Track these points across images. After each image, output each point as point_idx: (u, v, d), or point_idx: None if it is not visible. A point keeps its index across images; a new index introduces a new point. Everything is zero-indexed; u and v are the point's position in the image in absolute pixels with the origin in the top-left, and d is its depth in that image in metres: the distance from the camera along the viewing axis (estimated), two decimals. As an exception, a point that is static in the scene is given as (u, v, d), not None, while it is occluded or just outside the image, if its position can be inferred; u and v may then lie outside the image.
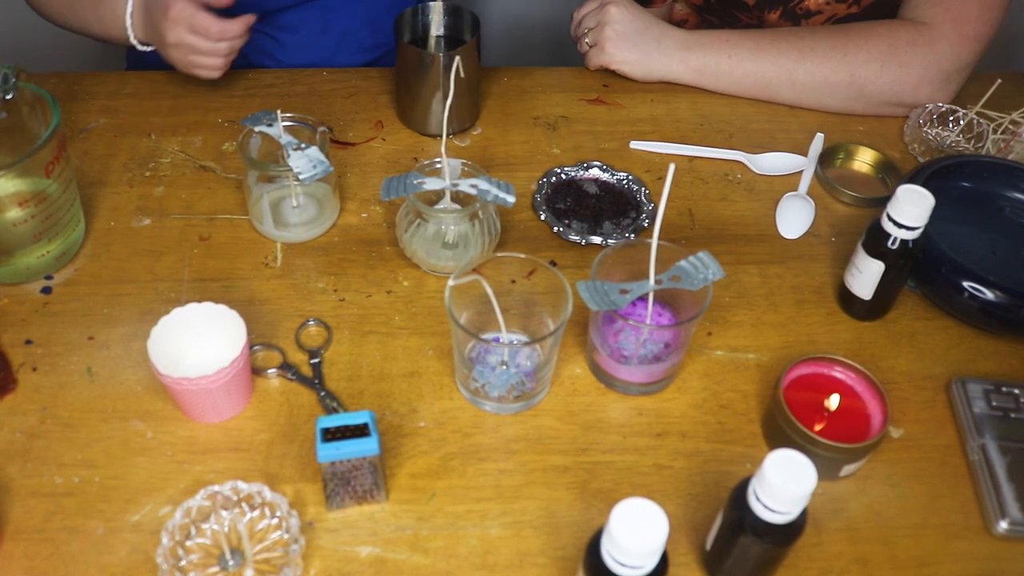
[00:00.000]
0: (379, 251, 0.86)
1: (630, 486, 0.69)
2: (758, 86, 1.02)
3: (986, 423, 0.72)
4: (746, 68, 1.01)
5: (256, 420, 0.72)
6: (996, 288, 0.77)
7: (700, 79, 1.04)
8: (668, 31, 1.04)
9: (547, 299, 0.74)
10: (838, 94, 1.01)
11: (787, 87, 1.01)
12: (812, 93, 1.01)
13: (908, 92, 0.99)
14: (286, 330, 0.79)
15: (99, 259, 0.84)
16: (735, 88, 1.04)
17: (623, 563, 0.52)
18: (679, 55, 1.03)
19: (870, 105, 1.02)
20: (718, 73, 1.03)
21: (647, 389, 0.75)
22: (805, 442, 0.67)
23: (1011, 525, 0.67)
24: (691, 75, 1.04)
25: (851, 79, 0.99)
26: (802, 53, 0.99)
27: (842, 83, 0.99)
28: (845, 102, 1.02)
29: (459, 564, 0.64)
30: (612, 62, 1.04)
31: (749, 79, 1.02)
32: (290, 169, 0.79)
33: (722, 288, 0.84)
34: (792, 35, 1.01)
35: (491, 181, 0.79)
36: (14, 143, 0.81)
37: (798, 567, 0.65)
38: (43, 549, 0.64)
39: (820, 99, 1.02)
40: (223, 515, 0.65)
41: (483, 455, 0.71)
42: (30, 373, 0.75)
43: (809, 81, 1.00)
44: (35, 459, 0.69)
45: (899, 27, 0.99)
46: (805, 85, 1.01)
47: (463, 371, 0.72)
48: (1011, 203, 0.89)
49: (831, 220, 0.92)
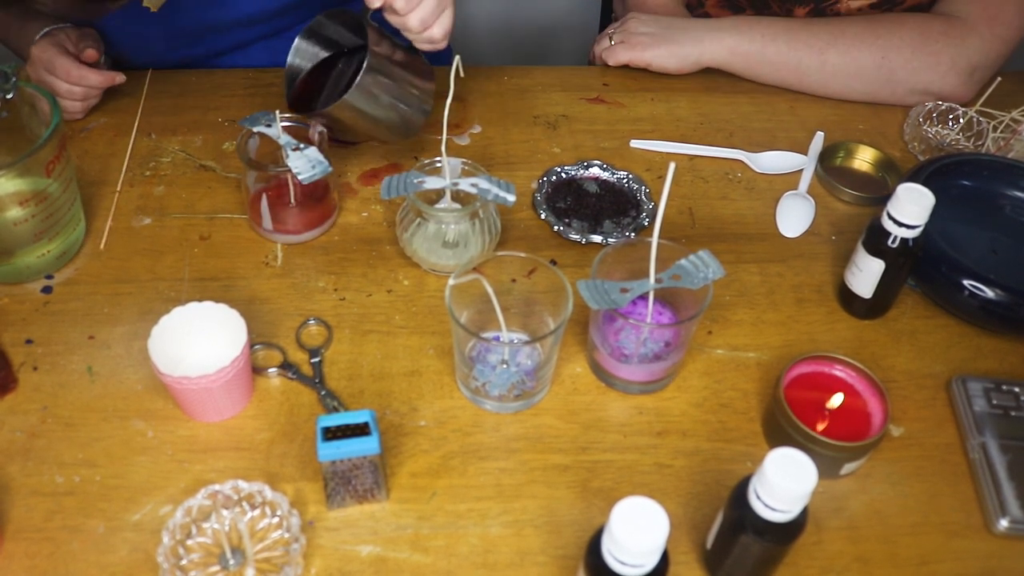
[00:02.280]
0: (379, 250, 0.86)
1: (630, 485, 0.69)
2: (788, 67, 1.02)
3: (986, 421, 0.72)
4: (779, 47, 1.02)
5: (257, 419, 0.72)
6: (996, 286, 0.77)
7: (731, 60, 1.04)
8: (695, 20, 1.06)
9: (547, 298, 0.74)
10: (867, 77, 1.01)
11: (817, 69, 1.01)
12: (841, 76, 1.01)
13: (936, 80, 1.00)
14: (286, 329, 0.79)
15: (99, 258, 0.84)
16: (765, 70, 1.04)
17: (624, 562, 0.52)
18: (710, 36, 1.03)
19: (896, 92, 1.02)
20: (749, 53, 1.03)
21: (647, 388, 0.75)
22: (805, 441, 0.67)
23: (1011, 523, 0.67)
24: (724, 55, 1.04)
25: (882, 62, 1.00)
26: (833, 36, 1.00)
27: (872, 66, 1.00)
28: (872, 86, 1.02)
29: (460, 563, 0.64)
30: (642, 57, 1.05)
31: (780, 58, 1.02)
32: (289, 169, 0.79)
33: (722, 287, 0.84)
34: (822, 20, 1.03)
35: (491, 180, 0.79)
36: (14, 143, 0.81)
37: (798, 565, 0.65)
38: (44, 548, 0.64)
39: (848, 83, 1.02)
40: (224, 514, 0.65)
41: (484, 454, 0.71)
42: (31, 372, 0.75)
43: (840, 63, 1.00)
44: (36, 458, 0.69)
45: (932, 19, 1.00)
46: (836, 67, 1.01)
47: (463, 370, 0.72)
48: (1011, 201, 0.89)
49: (831, 219, 0.92)
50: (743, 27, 1.03)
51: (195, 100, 1.01)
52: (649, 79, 1.08)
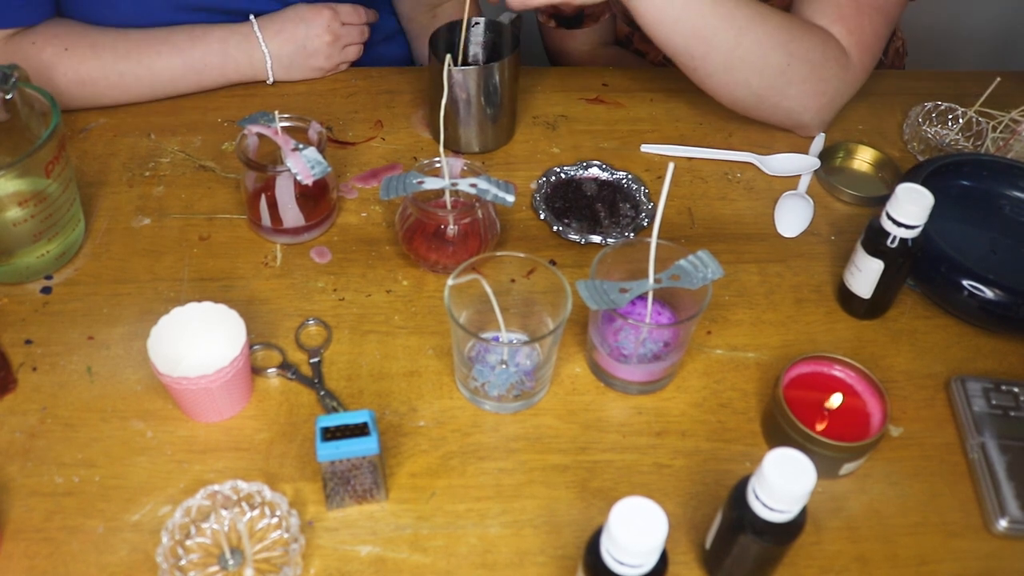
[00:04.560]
0: (379, 250, 0.86)
1: (629, 485, 0.69)
2: (701, 36, 0.88)
3: (986, 421, 0.72)
4: (701, 8, 0.87)
5: (256, 419, 0.72)
6: (995, 286, 0.77)
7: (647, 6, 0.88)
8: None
9: (546, 298, 0.74)
10: (767, 77, 0.91)
11: (729, 49, 0.88)
12: (747, 68, 0.90)
13: (810, 109, 0.94)
14: (286, 329, 0.79)
15: (99, 259, 0.84)
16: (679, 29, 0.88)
17: (623, 562, 0.52)
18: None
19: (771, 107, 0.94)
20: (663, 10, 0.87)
21: (647, 388, 0.75)
22: (805, 441, 0.67)
23: (1011, 523, 0.67)
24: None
25: (786, 68, 0.90)
26: (752, 21, 0.88)
27: (777, 69, 0.90)
28: (765, 90, 0.92)
29: (459, 563, 0.64)
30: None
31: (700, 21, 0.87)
32: (288, 170, 0.79)
33: (721, 287, 0.84)
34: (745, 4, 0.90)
35: (490, 180, 0.79)
36: (14, 143, 0.81)
37: (798, 565, 0.65)
38: (43, 548, 0.64)
39: (748, 77, 0.91)
40: (223, 514, 0.65)
41: (483, 454, 0.71)
42: (30, 373, 0.75)
43: (751, 52, 0.89)
44: (35, 459, 0.69)
45: (829, 40, 0.92)
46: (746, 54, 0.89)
47: (463, 370, 0.73)
48: (1010, 201, 0.89)
49: (831, 219, 0.92)
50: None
51: (194, 100, 1.01)
52: (649, 80, 1.08)
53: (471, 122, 0.93)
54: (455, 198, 0.81)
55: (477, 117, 0.93)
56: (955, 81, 1.09)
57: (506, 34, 0.94)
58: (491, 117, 0.93)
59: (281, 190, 0.82)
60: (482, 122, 0.94)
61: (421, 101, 1.03)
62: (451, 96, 0.90)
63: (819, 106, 0.95)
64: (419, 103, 1.03)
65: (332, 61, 1.04)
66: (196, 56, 0.98)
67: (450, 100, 0.90)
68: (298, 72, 1.03)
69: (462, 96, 0.90)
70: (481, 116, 0.93)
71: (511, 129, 0.99)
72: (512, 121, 0.98)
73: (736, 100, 0.95)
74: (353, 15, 1.05)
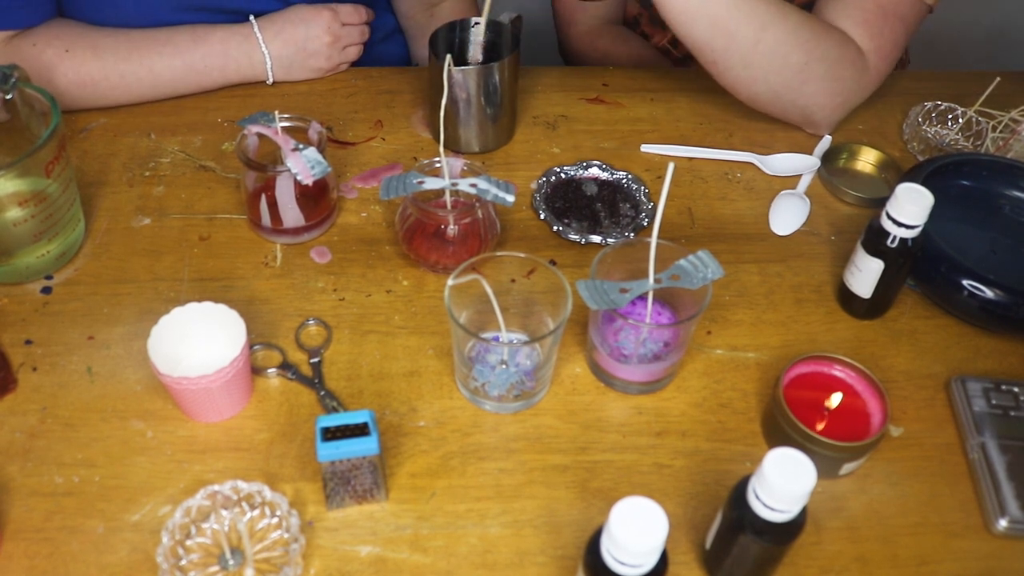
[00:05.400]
0: (379, 250, 0.86)
1: (630, 485, 0.69)
2: (723, 29, 0.88)
3: (986, 421, 0.72)
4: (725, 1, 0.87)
5: (256, 419, 0.72)
6: (995, 286, 0.77)
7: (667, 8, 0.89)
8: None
9: (547, 298, 0.74)
10: (787, 76, 0.92)
11: (751, 45, 0.89)
12: (767, 65, 0.90)
13: (826, 108, 0.95)
14: (286, 330, 0.79)
15: (99, 259, 0.84)
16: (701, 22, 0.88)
17: (623, 562, 0.52)
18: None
19: (787, 104, 0.95)
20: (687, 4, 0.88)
21: (647, 388, 0.75)
22: (805, 441, 0.67)
23: (1011, 523, 0.67)
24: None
25: (804, 67, 0.91)
26: (774, 17, 0.89)
27: (796, 67, 0.91)
28: (783, 89, 0.93)
29: (459, 563, 0.64)
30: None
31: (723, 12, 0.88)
32: (288, 170, 0.79)
33: (722, 287, 0.84)
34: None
35: (491, 180, 0.79)
36: (14, 143, 0.81)
37: (798, 565, 0.65)
38: (43, 548, 0.64)
39: (767, 76, 0.91)
40: (223, 514, 0.65)
41: (483, 454, 0.71)
42: (30, 373, 0.75)
43: (772, 49, 0.90)
44: (35, 459, 0.69)
45: (848, 42, 0.93)
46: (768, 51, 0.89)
47: (463, 370, 0.73)
48: (1010, 201, 0.89)
49: (831, 219, 0.92)
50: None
51: (194, 100, 1.01)
52: (649, 79, 1.08)
53: (471, 122, 0.93)
54: (455, 198, 0.81)
55: (477, 117, 0.93)
56: (955, 81, 1.09)
57: (506, 34, 0.94)
58: (491, 117, 0.94)
59: (281, 190, 0.82)
60: (482, 122, 0.94)
61: (421, 101, 1.03)
62: (451, 96, 0.90)
63: (833, 106, 0.96)
64: (419, 103, 1.03)
65: (332, 62, 1.04)
66: (197, 57, 0.98)
67: (450, 100, 0.90)
68: (298, 73, 1.04)
69: (462, 96, 0.90)
70: (481, 116, 0.93)
71: (511, 129, 0.99)
72: (512, 121, 0.98)
73: (754, 96, 0.95)
74: (353, 15, 1.05)
